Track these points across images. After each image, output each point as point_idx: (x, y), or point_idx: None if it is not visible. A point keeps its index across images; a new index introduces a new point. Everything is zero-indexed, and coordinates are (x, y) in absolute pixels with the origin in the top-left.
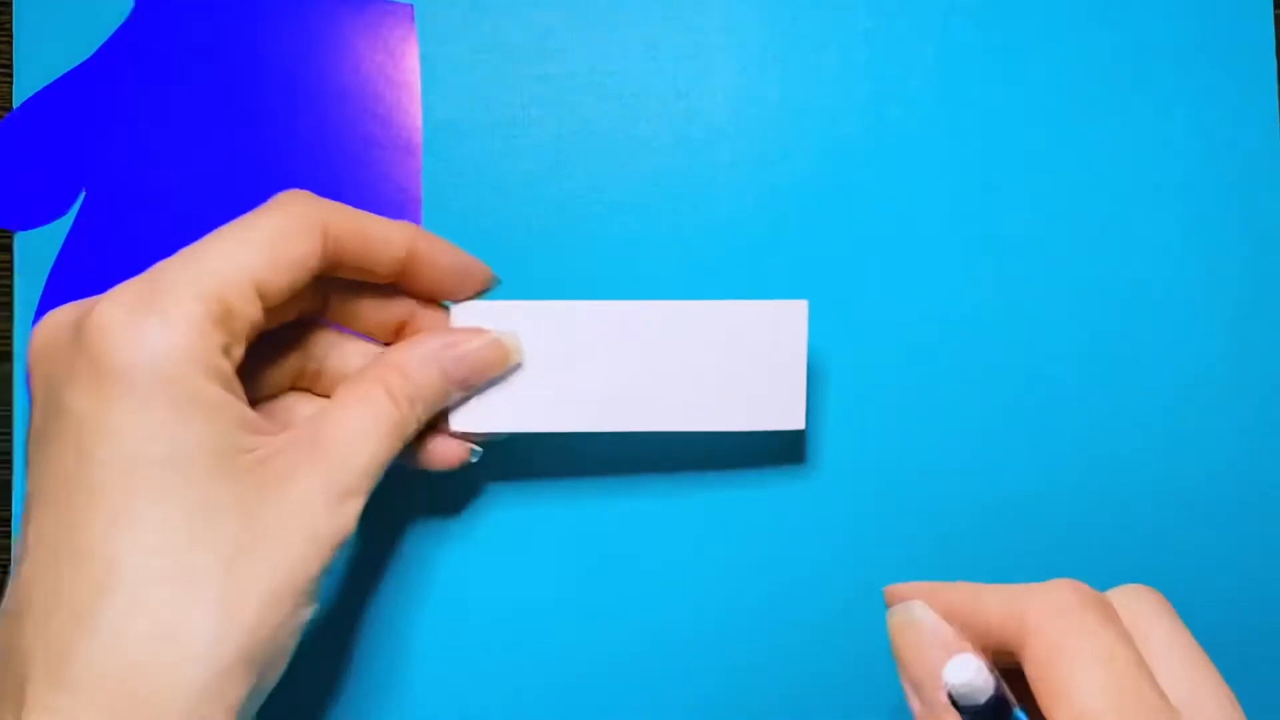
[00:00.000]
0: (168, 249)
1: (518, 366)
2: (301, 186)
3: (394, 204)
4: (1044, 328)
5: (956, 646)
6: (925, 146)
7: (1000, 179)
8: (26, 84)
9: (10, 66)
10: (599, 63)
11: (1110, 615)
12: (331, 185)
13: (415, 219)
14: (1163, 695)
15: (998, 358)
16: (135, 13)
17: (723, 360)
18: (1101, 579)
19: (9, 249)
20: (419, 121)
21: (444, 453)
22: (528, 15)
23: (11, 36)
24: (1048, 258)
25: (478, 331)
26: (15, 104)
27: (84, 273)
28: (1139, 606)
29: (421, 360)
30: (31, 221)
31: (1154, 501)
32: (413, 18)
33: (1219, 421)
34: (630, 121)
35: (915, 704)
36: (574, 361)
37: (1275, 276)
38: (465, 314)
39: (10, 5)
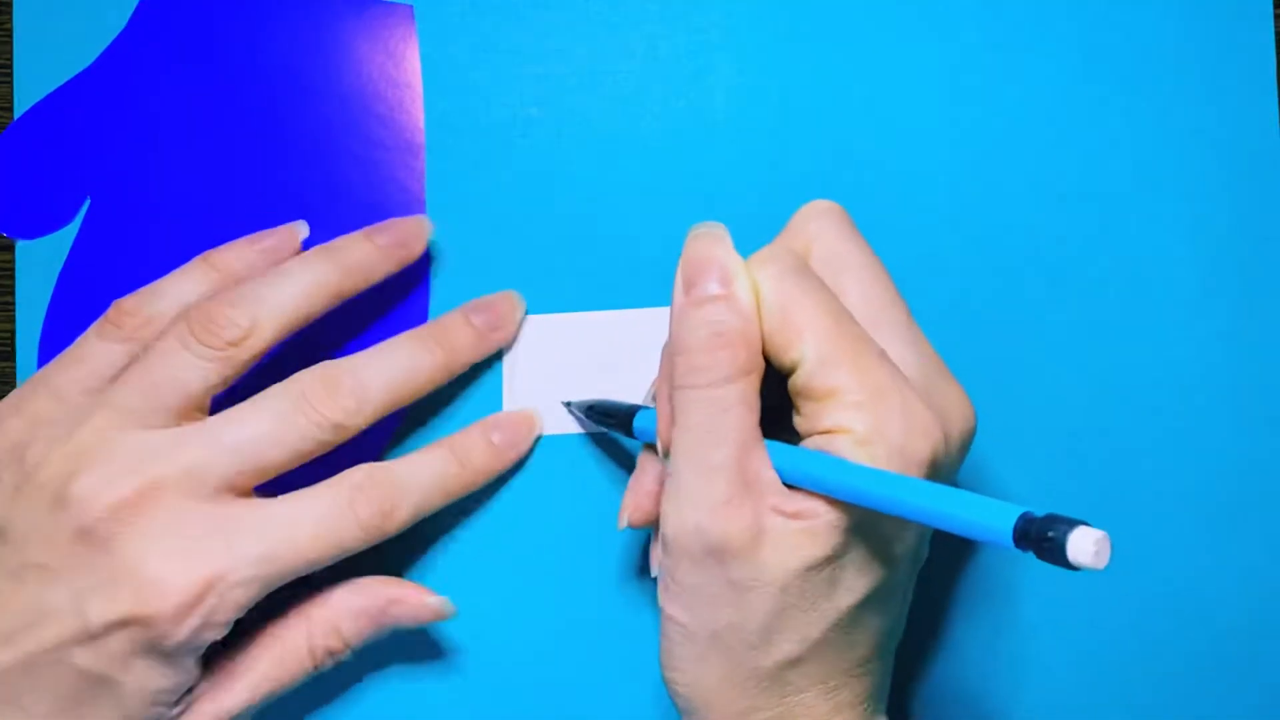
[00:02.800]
0: (174, 253)
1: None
2: (306, 189)
3: (398, 204)
4: (1044, 327)
5: (732, 264)
6: (925, 146)
7: (1000, 179)
8: (26, 86)
9: (10, 68)
10: (599, 63)
11: (810, 270)
12: (336, 187)
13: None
14: (862, 329)
15: (997, 356)
16: (135, 17)
17: None
18: (1098, 577)
19: (11, 248)
20: (421, 121)
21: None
22: (528, 15)
23: (11, 38)
24: (1048, 257)
25: (421, 591)
26: (15, 106)
27: (92, 279)
28: (826, 227)
29: (357, 616)
30: (36, 231)
31: (1152, 500)
32: (413, 18)
33: (1219, 421)
34: (630, 121)
35: (679, 297)
36: (615, 366)
37: (1275, 276)
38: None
39: (10, 7)
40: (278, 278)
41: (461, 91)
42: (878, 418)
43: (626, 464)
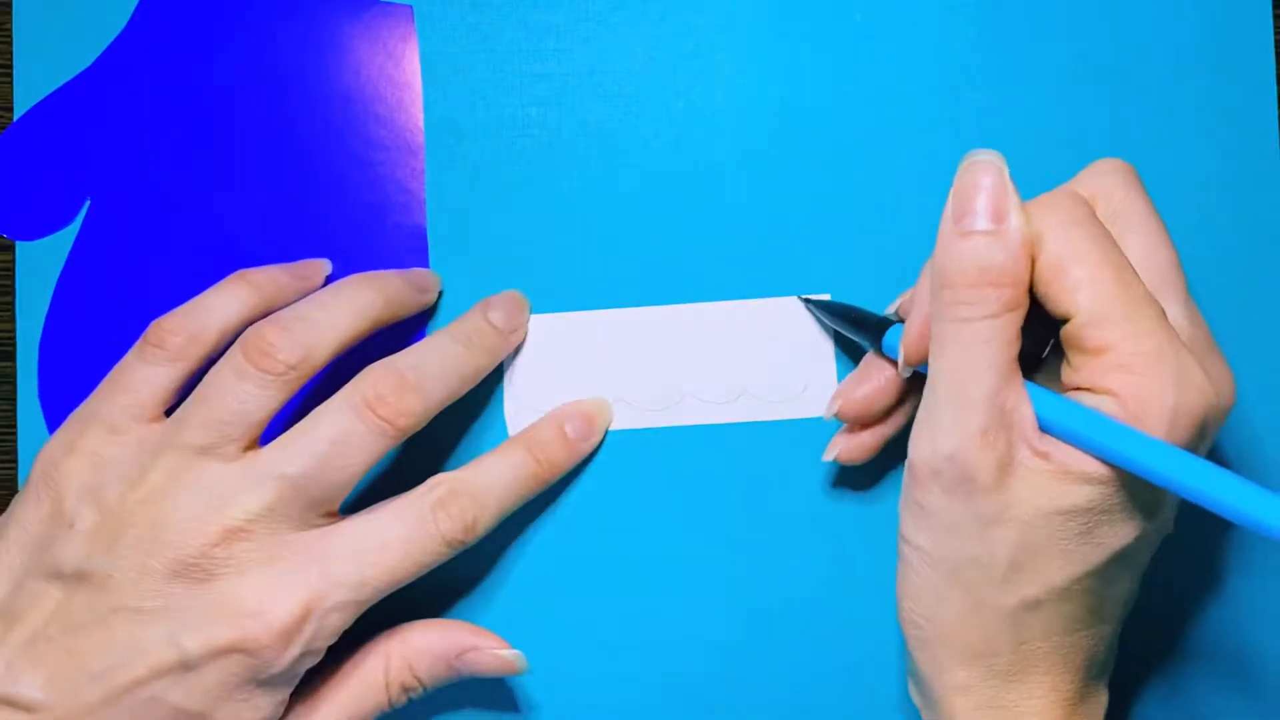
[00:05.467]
0: (175, 254)
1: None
2: (306, 189)
3: (398, 205)
4: None
5: (1005, 197)
6: (925, 146)
7: None
8: (26, 86)
9: (10, 68)
10: (599, 63)
11: (1098, 220)
12: (336, 187)
13: (419, 219)
14: (1144, 288)
15: None
16: (135, 17)
17: (756, 354)
18: None
19: (11, 248)
20: (420, 122)
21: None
22: (528, 15)
23: (11, 38)
24: None
25: (497, 643)
26: (15, 106)
27: (92, 279)
28: (1115, 183)
29: (433, 658)
30: (36, 232)
31: None
32: (412, 19)
33: None
34: (630, 121)
35: (948, 223)
36: (619, 364)
37: (1275, 276)
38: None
39: (10, 7)
40: (326, 298)
41: (461, 91)
42: (1151, 380)
43: (638, 465)
